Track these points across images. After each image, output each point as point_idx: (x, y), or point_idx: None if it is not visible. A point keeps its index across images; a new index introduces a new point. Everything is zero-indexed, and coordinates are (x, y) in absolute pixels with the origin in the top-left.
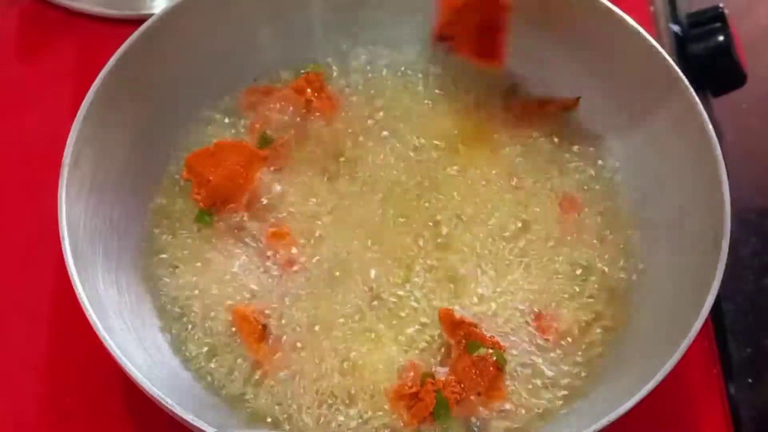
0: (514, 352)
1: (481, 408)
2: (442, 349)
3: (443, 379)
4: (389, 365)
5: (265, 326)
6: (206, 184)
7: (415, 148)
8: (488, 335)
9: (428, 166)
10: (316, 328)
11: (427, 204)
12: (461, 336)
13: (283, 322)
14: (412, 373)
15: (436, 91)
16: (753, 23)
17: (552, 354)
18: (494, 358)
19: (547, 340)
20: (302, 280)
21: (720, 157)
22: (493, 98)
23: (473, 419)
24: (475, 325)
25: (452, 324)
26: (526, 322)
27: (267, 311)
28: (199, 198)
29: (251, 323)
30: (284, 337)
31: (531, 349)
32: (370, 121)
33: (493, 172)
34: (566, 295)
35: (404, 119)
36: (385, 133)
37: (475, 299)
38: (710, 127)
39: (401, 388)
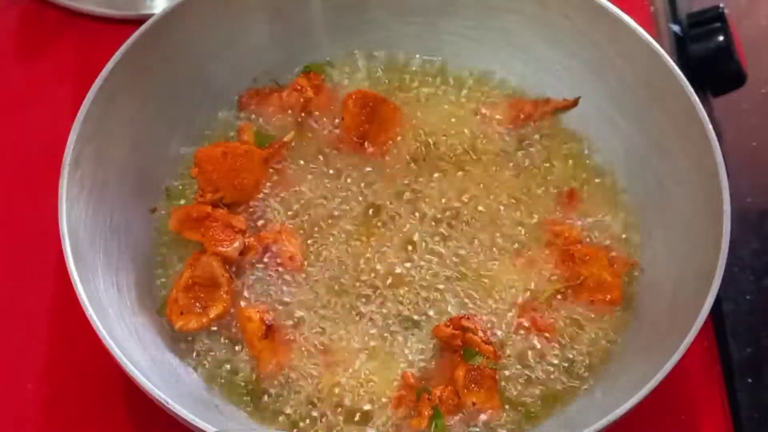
0: (511, 352)
1: (477, 416)
2: (440, 358)
3: (439, 392)
4: (389, 371)
5: (269, 326)
6: (213, 191)
7: (414, 147)
8: (484, 337)
9: (427, 165)
10: (319, 330)
11: (426, 204)
12: (458, 345)
13: (286, 323)
14: (408, 387)
15: (436, 91)
16: (753, 23)
17: (550, 354)
18: (490, 367)
19: (545, 340)
20: (304, 282)
21: (720, 157)
22: (494, 99)
23: (470, 427)
24: (472, 330)
25: (447, 337)
26: (523, 323)
27: (270, 312)
28: (203, 201)
29: (255, 323)
30: (286, 338)
31: (528, 349)
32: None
33: (493, 170)
34: (565, 295)
35: (403, 118)
36: None
37: (473, 298)
38: (710, 127)
39: (399, 400)
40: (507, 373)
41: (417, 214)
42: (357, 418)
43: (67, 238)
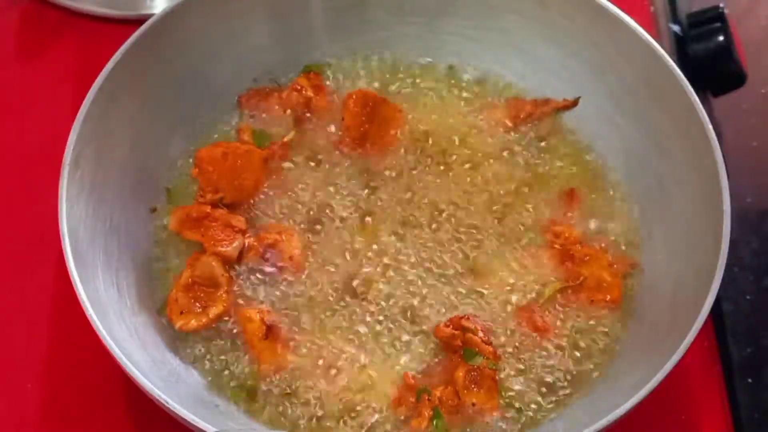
0: (510, 352)
1: (476, 417)
2: (440, 359)
3: (439, 393)
4: (389, 371)
5: (269, 327)
6: (213, 191)
7: (414, 147)
8: (484, 338)
9: (427, 165)
10: (319, 330)
11: (426, 204)
12: (458, 345)
13: (286, 323)
14: (408, 387)
15: (436, 91)
16: (753, 23)
17: (550, 354)
18: (490, 368)
19: (545, 340)
20: (304, 282)
21: (720, 157)
22: (494, 98)
23: (469, 428)
24: (472, 330)
25: (447, 337)
26: (524, 323)
27: (270, 312)
28: (203, 201)
29: (255, 323)
30: (287, 338)
31: (528, 349)
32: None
33: (493, 171)
34: (565, 295)
35: (404, 119)
36: None
37: (473, 298)
38: (710, 127)
39: (399, 401)
40: (507, 373)
41: (417, 214)
42: (357, 418)
43: (67, 238)
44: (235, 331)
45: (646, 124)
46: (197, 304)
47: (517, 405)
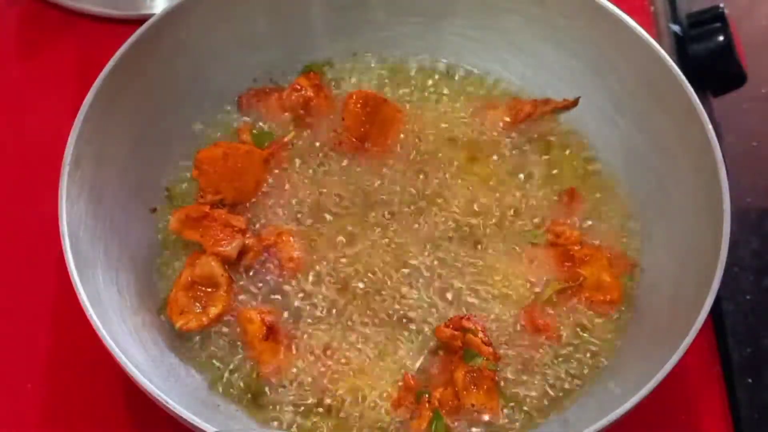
0: (511, 352)
1: (476, 418)
2: (440, 360)
3: (439, 394)
4: (389, 372)
5: (270, 328)
6: (213, 192)
7: (414, 147)
8: (484, 338)
9: (427, 166)
10: (319, 331)
11: (426, 205)
12: (458, 346)
13: (286, 324)
14: (408, 388)
15: (436, 91)
16: (753, 23)
17: (550, 355)
18: (489, 368)
19: (545, 340)
20: (304, 283)
21: (720, 158)
22: (494, 98)
23: (469, 428)
24: (472, 331)
25: (448, 338)
26: (524, 324)
27: (270, 313)
28: (204, 202)
29: (255, 324)
30: (287, 339)
31: (528, 350)
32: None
33: (492, 171)
34: (565, 296)
35: (404, 119)
36: None
37: (473, 298)
38: (710, 127)
39: (399, 401)
40: (507, 374)
41: (417, 215)
42: (357, 418)
43: (67, 238)
44: (234, 330)
45: (646, 124)
46: (197, 304)
47: (516, 405)
